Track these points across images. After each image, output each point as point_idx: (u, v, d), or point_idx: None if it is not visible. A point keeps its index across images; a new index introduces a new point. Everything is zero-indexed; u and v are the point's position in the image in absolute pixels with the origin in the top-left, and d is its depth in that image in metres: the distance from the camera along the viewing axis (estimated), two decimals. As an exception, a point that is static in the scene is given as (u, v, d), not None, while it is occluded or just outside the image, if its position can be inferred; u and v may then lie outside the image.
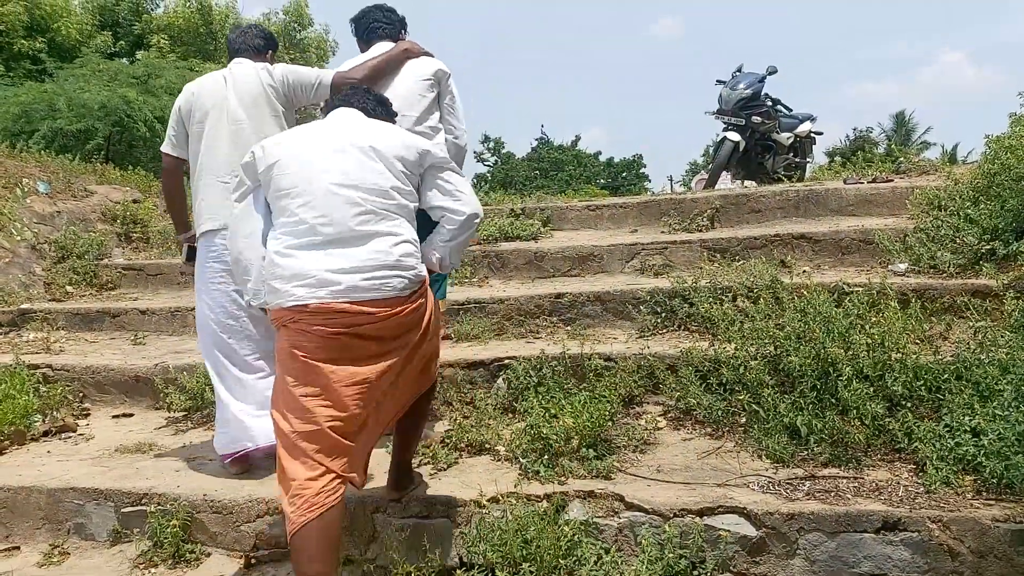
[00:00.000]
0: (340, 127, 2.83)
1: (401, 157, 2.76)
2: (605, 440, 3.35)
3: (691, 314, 4.24)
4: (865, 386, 3.14)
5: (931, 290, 4.00)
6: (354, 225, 2.61)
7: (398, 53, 3.70)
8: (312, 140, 2.78)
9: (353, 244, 2.60)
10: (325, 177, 2.65)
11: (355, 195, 2.64)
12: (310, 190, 2.64)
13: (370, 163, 2.71)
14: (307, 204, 2.63)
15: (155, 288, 6.69)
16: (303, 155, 2.72)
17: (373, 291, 2.57)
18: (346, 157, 2.70)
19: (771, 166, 8.95)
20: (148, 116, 13.13)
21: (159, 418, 4.42)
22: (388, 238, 2.64)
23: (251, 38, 3.78)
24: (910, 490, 2.80)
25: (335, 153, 2.71)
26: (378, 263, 2.59)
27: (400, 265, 2.63)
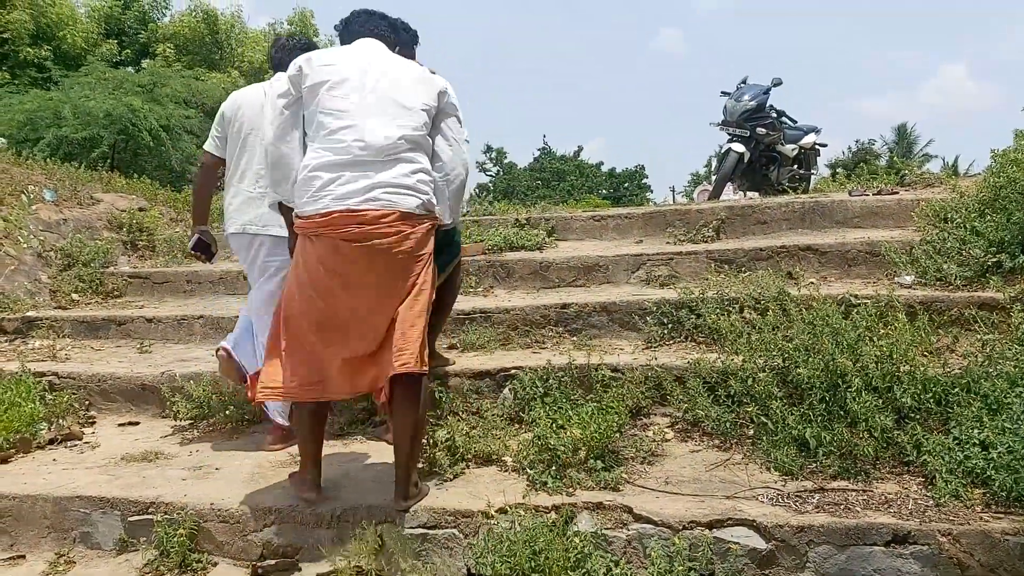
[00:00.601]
0: (374, 60, 3.17)
1: (423, 101, 3.13)
2: (613, 451, 3.34)
3: (698, 325, 4.24)
4: (874, 398, 3.14)
5: (938, 303, 4.00)
6: (385, 154, 3.00)
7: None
8: (356, 68, 3.11)
9: (380, 168, 2.99)
10: (367, 108, 3.03)
11: (390, 128, 3.01)
12: (354, 115, 3.02)
13: (402, 99, 3.08)
14: (350, 127, 3.00)
15: (161, 296, 6.69)
16: (351, 82, 3.07)
17: (389, 202, 2.97)
18: (383, 94, 3.07)
19: (775, 178, 8.97)
20: (153, 125, 13.19)
21: (165, 426, 4.42)
22: (408, 165, 3.03)
23: (289, 53, 3.82)
24: (919, 503, 2.80)
25: (375, 88, 3.07)
26: (398, 184, 2.99)
27: (416, 188, 3.02)
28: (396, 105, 3.08)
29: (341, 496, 3.23)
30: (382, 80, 3.10)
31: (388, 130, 3.02)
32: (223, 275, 6.65)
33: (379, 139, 3.00)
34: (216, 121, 4.13)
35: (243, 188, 4.05)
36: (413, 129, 3.07)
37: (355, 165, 2.99)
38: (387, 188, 2.98)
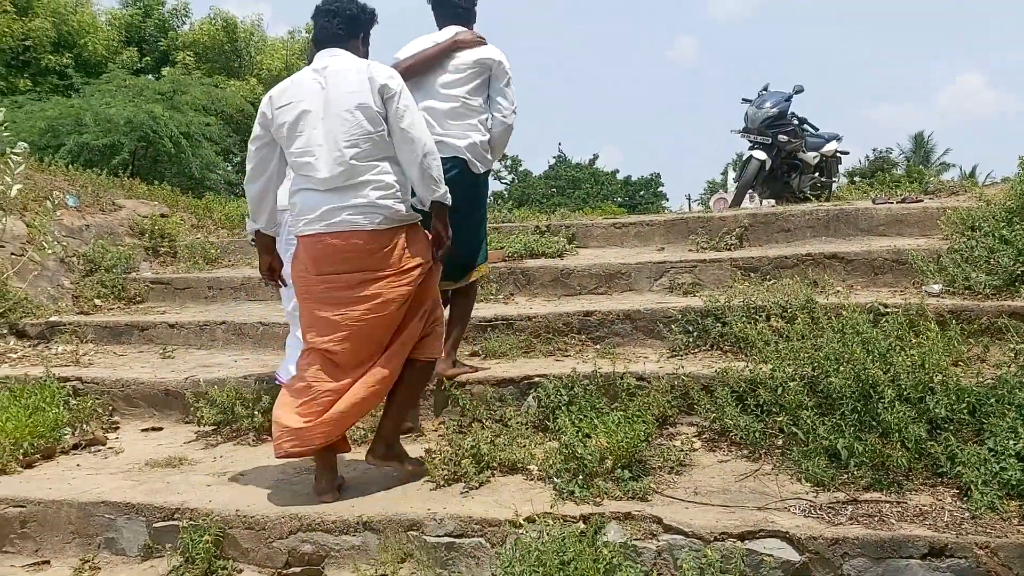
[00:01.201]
0: (328, 78, 3.32)
1: (365, 106, 3.25)
2: (640, 461, 3.31)
3: (724, 333, 4.20)
4: (907, 408, 3.09)
5: (967, 311, 3.95)
6: (343, 180, 3.24)
7: (448, 43, 4.06)
8: (309, 96, 3.31)
9: (341, 193, 3.24)
10: (319, 139, 3.26)
11: (340, 155, 3.23)
12: (311, 150, 3.27)
13: (346, 115, 3.25)
14: (309, 163, 3.28)
15: (182, 302, 6.71)
16: (306, 115, 3.29)
17: (352, 223, 3.23)
18: (333, 114, 3.25)
19: (797, 185, 8.92)
20: (173, 132, 13.26)
21: (189, 432, 4.42)
22: (366, 183, 3.25)
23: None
24: (955, 515, 2.75)
25: (327, 110, 3.27)
26: (356, 205, 3.23)
27: (375, 205, 3.24)
28: (344, 123, 3.25)
29: (367, 503, 3.21)
30: (332, 101, 3.28)
31: (338, 158, 3.23)
32: (244, 281, 6.67)
33: (333, 170, 3.24)
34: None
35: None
36: (364, 142, 3.25)
37: (321, 193, 3.28)
38: (349, 211, 3.23)
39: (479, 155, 4.06)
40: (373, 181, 3.25)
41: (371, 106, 3.25)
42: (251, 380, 4.44)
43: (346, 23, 3.46)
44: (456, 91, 4.04)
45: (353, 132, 3.24)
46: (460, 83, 4.05)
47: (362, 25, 3.55)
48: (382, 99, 3.28)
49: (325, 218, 3.25)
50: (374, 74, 3.30)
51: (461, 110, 4.04)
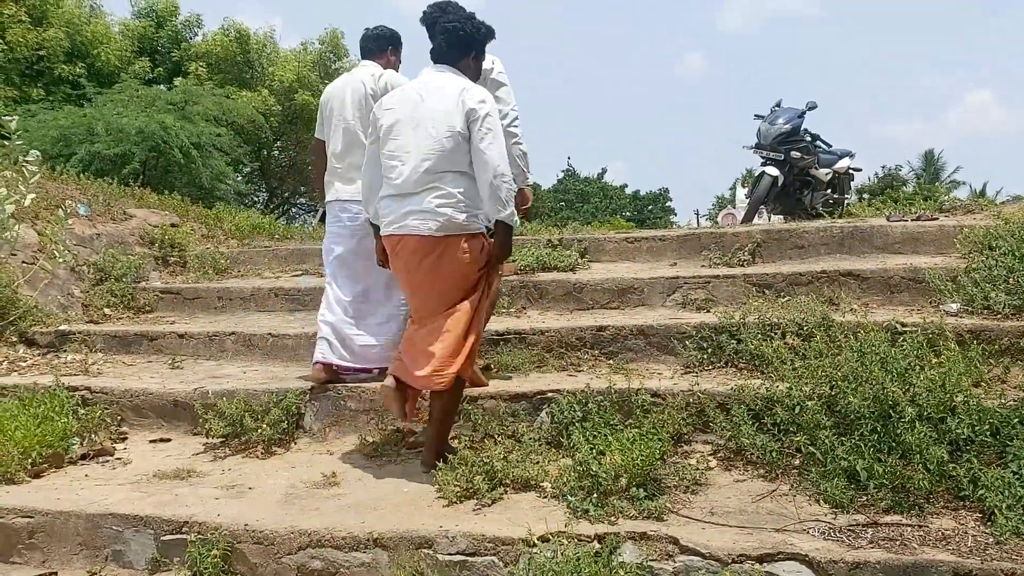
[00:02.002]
0: (425, 93, 3.64)
1: (451, 128, 3.53)
2: (655, 479, 3.26)
3: (739, 351, 4.16)
4: (927, 429, 3.04)
5: (987, 331, 3.89)
6: (417, 187, 3.57)
7: None
8: (408, 107, 3.64)
9: (412, 199, 3.58)
10: (408, 147, 3.60)
11: (420, 165, 3.56)
12: (399, 155, 3.63)
13: (433, 131, 3.55)
14: (395, 167, 3.63)
15: (192, 312, 6.69)
16: (401, 123, 3.63)
17: (414, 227, 3.57)
18: (421, 128, 3.58)
19: (809, 202, 8.88)
20: (184, 142, 13.28)
21: (197, 444, 4.38)
22: (433, 192, 3.55)
23: (372, 41, 4.58)
24: (979, 540, 2.70)
25: (418, 124, 3.59)
26: (422, 210, 3.55)
27: (437, 212, 3.54)
28: (428, 137, 3.56)
29: (377, 518, 3.17)
30: (424, 115, 3.59)
31: (415, 168, 3.57)
32: (254, 292, 6.64)
33: (409, 177, 3.59)
34: (318, 112, 4.74)
35: (334, 165, 4.59)
36: (439, 158, 3.55)
37: (396, 199, 3.65)
38: (416, 215, 3.55)
39: None
40: (438, 190, 3.55)
41: (455, 126, 3.53)
42: (260, 392, 4.40)
43: (457, 43, 3.72)
44: None
45: (432, 147, 3.55)
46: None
47: (474, 45, 3.80)
48: (467, 121, 3.53)
49: (396, 221, 3.63)
50: (466, 97, 3.55)
51: None
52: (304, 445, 4.25)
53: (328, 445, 4.21)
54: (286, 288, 6.58)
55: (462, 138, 3.53)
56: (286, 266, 7.83)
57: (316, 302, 6.30)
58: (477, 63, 3.86)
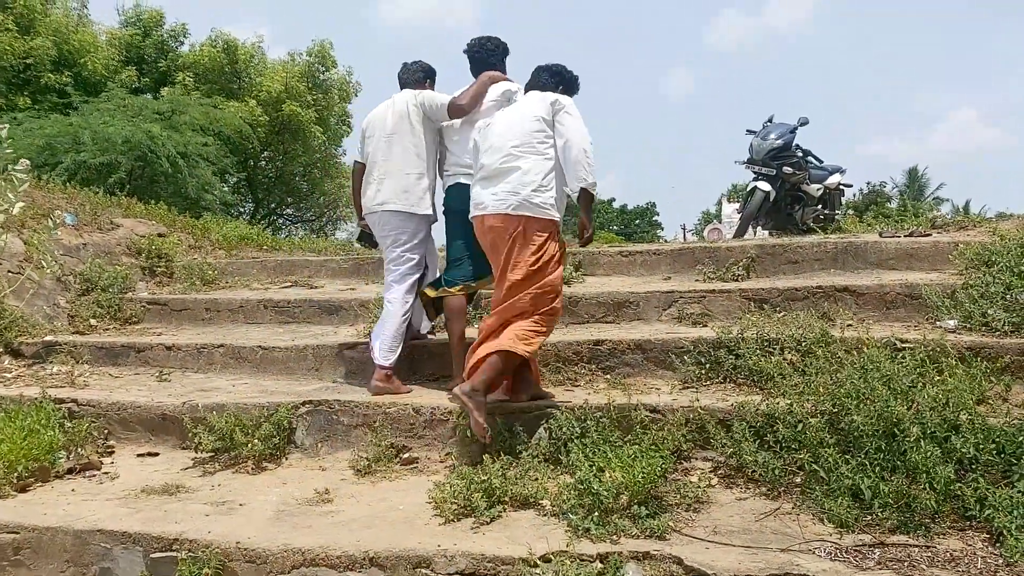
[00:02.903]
0: (515, 110, 4.26)
1: (536, 117, 4.10)
2: (656, 497, 3.21)
3: (737, 366, 4.12)
4: (932, 447, 3.01)
5: (987, 348, 3.87)
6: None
7: (486, 80, 4.64)
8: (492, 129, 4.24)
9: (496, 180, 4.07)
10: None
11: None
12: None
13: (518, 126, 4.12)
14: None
15: (179, 323, 6.60)
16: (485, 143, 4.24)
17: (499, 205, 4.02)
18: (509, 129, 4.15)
19: (800, 217, 8.88)
20: (171, 152, 13.19)
21: (186, 458, 4.29)
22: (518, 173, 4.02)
23: (412, 74, 5.00)
24: (988, 562, 2.66)
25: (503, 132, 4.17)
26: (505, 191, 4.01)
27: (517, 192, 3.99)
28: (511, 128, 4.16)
29: (373, 537, 3.09)
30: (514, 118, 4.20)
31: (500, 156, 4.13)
32: (243, 303, 6.56)
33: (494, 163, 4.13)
34: (359, 138, 5.05)
35: (373, 177, 4.85)
36: (524, 143, 4.10)
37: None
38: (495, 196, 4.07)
39: None
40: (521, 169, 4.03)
41: (540, 115, 4.08)
42: (251, 406, 4.33)
43: (552, 78, 4.37)
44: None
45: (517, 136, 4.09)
46: (487, 115, 4.47)
47: (568, 84, 4.44)
48: (553, 110, 4.08)
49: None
50: (546, 96, 4.18)
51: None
52: (296, 460, 4.17)
53: (320, 461, 4.13)
54: (275, 300, 6.49)
55: (546, 124, 4.17)
56: (275, 278, 7.75)
57: (306, 315, 6.27)
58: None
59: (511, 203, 3.97)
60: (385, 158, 4.77)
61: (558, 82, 4.39)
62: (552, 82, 4.36)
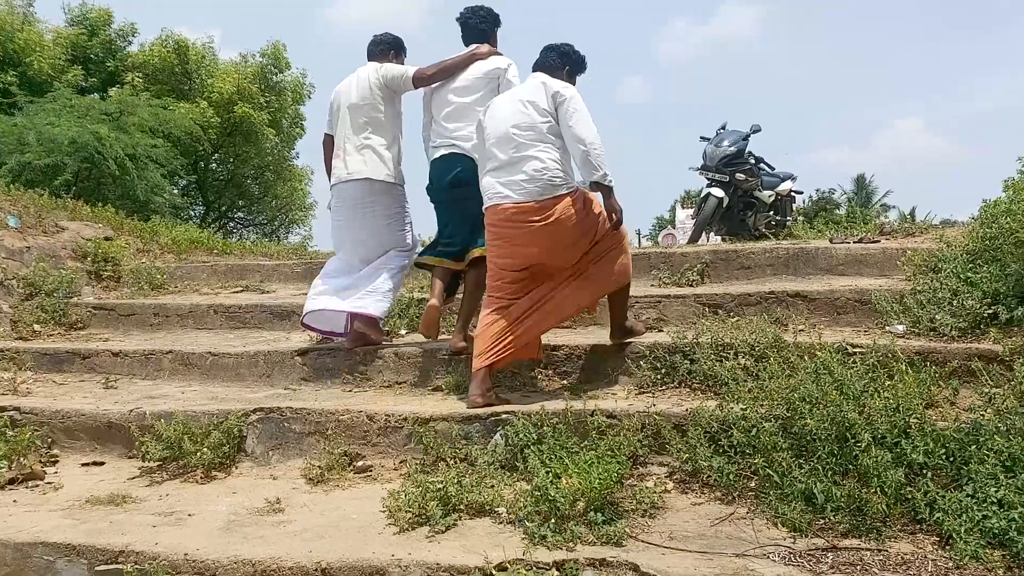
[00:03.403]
0: (517, 98, 4.29)
1: (536, 104, 4.18)
2: (612, 503, 3.20)
3: (692, 371, 4.13)
4: (884, 452, 3.04)
5: (935, 353, 3.93)
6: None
7: (466, 56, 4.77)
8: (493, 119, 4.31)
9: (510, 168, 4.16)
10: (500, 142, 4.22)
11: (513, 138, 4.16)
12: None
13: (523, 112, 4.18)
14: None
15: (126, 329, 6.45)
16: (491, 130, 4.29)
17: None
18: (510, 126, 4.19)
19: (752, 223, 8.98)
20: (119, 153, 12.92)
21: (132, 467, 4.18)
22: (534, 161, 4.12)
23: (376, 46, 5.14)
24: (939, 565, 2.69)
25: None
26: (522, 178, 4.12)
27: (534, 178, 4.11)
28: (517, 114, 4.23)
29: (325, 547, 3.04)
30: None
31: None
32: (192, 308, 6.44)
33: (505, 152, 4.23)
34: (327, 111, 5.20)
35: (340, 148, 5.02)
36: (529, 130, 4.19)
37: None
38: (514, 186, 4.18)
39: None
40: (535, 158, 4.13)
41: (544, 107, 4.15)
42: (200, 413, 4.23)
43: (559, 58, 4.45)
44: (465, 99, 4.69)
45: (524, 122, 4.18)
46: (469, 91, 4.69)
47: (575, 64, 4.53)
48: (555, 103, 4.14)
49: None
50: (549, 84, 4.22)
51: (466, 112, 4.65)
52: (246, 469, 4.09)
53: (272, 469, 4.06)
54: (226, 305, 6.38)
55: (549, 114, 4.27)
56: (226, 282, 7.62)
57: (257, 320, 6.17)
58: (571, 78, 4.53)
59: (532, 191, 4.09)
60: (352, 128, 4.92)
61: (565, 62, 4.47)
62: (559, 63, 4.44)
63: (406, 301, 5.67)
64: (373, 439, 4.01)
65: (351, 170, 4.92)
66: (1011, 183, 4.94)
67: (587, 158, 4.05)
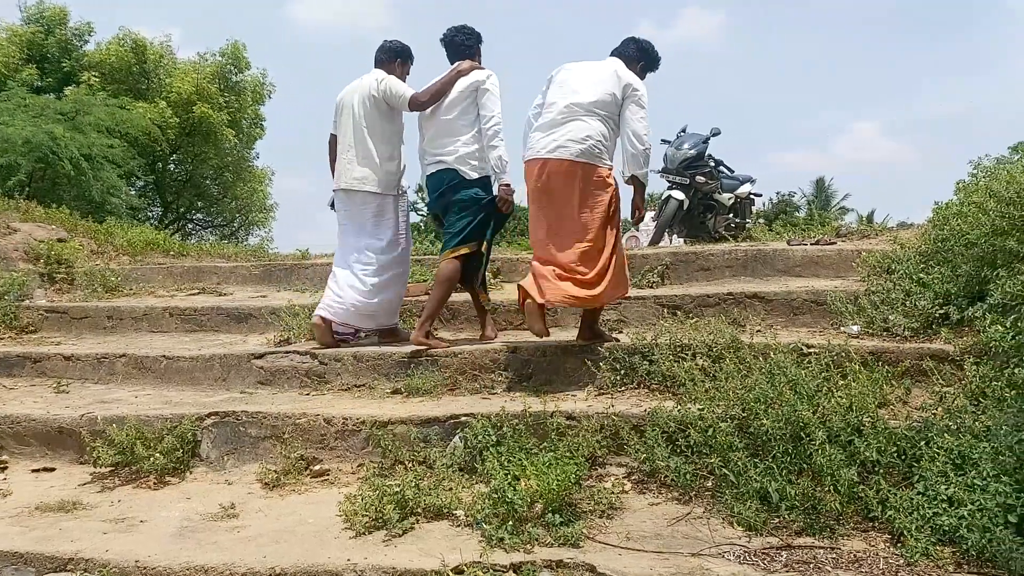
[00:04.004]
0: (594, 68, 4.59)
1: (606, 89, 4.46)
2: (570, 504, 3.20)
3: (651, 372, 4.15)
4: (837, 451, 3.07)
5: (888, 353, 3.99)
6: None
7: (452, 75, 4.94)
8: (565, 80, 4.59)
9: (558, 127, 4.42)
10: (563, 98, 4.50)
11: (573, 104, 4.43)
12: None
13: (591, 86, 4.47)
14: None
15: (79, 332, 6.32)
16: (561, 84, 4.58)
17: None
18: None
19: (712, 225, 9.06)
20: (74, 154, 12.70)
21: (84, 473, 4.10)
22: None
23: (383, 52, 5.28)
24: (890, 562, 2.72)
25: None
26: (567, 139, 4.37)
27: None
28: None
29: (280, 552, 3.00)
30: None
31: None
32: (147, 311, 6.33)
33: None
34: (333, 110, 5.33)
35: (342, 154, 5.20)
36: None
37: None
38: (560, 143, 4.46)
39: (464, 163, 4.86)
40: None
41: (615, 92, 4.44)
42: (153, 418, 4.16)
43: (638, 51, 4.77)
44: (449, 115, 4.89)
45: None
46: (453, 106, 4.88)
47: (650, 62, 4.85)
48: (624, 94, 4.45)
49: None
50: (620, 72, 4.51)
51: (450, 128, 4.89)
52: (200, 475, 4.02)
53: (226, 474, 4.00)
54: (182, 308, 6.28)
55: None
56: (181, 284, 7.52)
57: (214, 323, 6.08)
58: (643, 73, 4.81)
59: (575, 150, 4.34)
60: (353, 137, 5.12)
61: (641, 57, 4.78)
62: (637, 55, 4.76)
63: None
64: (331, 443, 3.97)
65: (350, 178, 5.10)
66: (962, 186, 5.04)
67: (636, 154, 4.43)
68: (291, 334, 5.38)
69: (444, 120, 4.91)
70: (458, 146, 4.85)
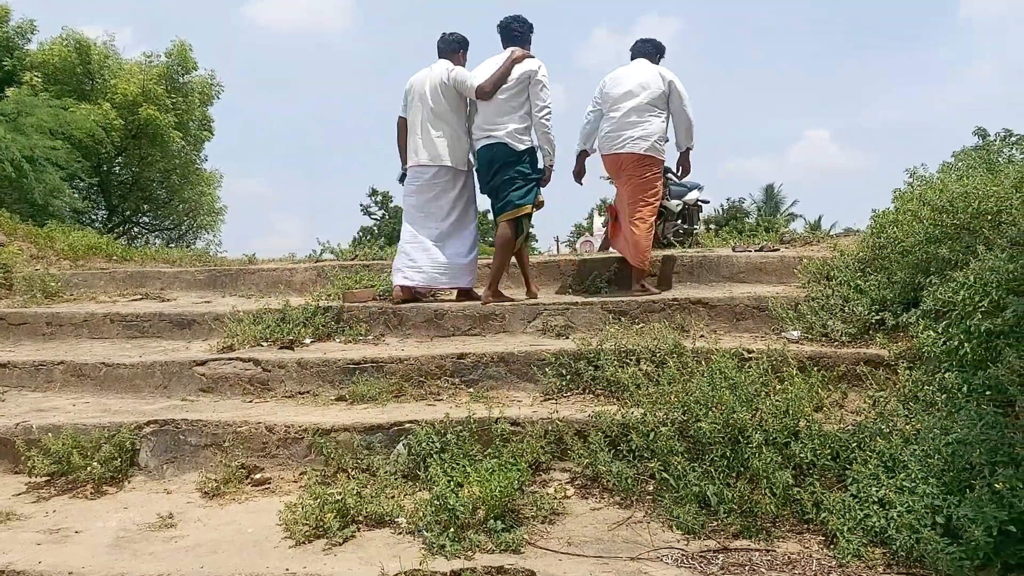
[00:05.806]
0: (632, 73, 6.03)
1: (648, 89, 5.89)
2: (513, 510, 3.21)
3: (596, 377, 4.18)
4: (773, 454, 3.13)
5: (826, 358, 4.07)
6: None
7: (509, 62, 5.69)
8: (615, 84, 6.00)
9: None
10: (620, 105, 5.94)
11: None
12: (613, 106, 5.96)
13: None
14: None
15: (17, 339, 6.17)
16: (612, 89, 6.00)
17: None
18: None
19: (661, 232, 9.12)
20: (15, 155, 12.37)
21: (18, 483, 4.00)
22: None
23: (448, 44, 6.03)
24: (823, 564, 2.78)
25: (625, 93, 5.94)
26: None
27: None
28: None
29: (218, 562, 2.96)
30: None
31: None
32: (87, 317, 6.20)
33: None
34: (403, 96, 6.09)
35: (414, 134, 5.95)
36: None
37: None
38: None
39: (515, 137, 5.68)
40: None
41: (662, 88, 5.89)
42: (91, 427, 4.08)
43: (657, 49, 6.23)
44: (502, 96, 5.67)
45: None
46: (509, 90, 5.66)
47: (663, 53, 6.24)
48: (669, 89, 5.89)
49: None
50: (663, 73, 5.96)
51: (502, 108, 5.68)
52: (139, 484, 3.95)
53: (166, 483, 3.93)
54: (123, 314, 6.16)
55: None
56: (124, 289, 7.38)
57: (156, 329, 5.98)
58: (659, 57, 6.29)
59: (643, 146, 5.83)
60: (427, 119, 5.85)
61: (658, 51, 6.19)
62: (655, 51, 6.16)
63: (312, 309, 5.57)
64: (272, 451, 3.93)
65: (425, 156, 5.85)
66: (899, 194, 5.16)
67: (688, 130, 6.03)
68: (235, 340, 5.30)
69: (499, 100, 5.67)
70: (509, 124, 5.66)
